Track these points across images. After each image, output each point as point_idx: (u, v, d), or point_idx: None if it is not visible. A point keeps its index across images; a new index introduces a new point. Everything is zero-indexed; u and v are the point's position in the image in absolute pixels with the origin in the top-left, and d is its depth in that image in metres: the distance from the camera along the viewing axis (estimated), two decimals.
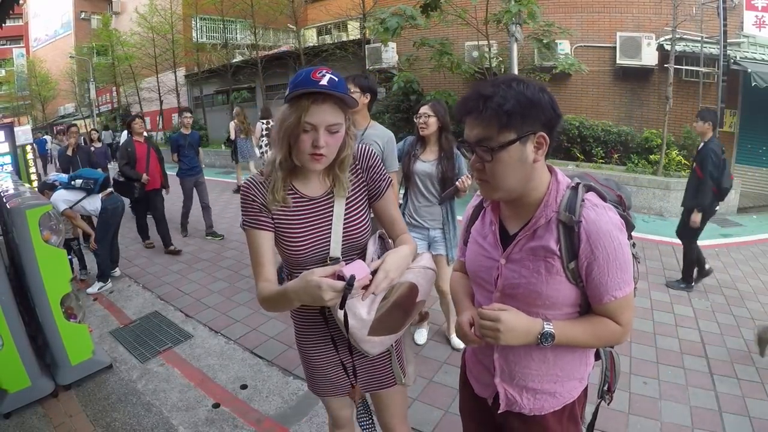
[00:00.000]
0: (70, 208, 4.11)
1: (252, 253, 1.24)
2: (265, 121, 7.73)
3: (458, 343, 3.01)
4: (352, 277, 0.98)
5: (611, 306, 1.02)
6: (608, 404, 1.27)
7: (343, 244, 1.27)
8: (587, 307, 1.07)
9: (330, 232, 1.26)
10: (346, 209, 1.28)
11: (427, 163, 2.77)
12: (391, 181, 1.39)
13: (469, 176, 2.45)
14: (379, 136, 2.61)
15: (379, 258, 1.19)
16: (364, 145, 1.34)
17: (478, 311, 1.04)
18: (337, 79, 1.12)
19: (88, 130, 11.34)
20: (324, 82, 1.10)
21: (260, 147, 8.03)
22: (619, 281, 1.00)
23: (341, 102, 1.14)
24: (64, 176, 4.44)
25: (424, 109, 2.74)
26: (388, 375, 1.45)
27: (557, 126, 0.99)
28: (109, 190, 4.33)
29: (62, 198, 4.10)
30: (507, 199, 1.05)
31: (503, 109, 0.92)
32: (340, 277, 1.00)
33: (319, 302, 1.01)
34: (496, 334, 1.00)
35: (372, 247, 1.30)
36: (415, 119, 2.84)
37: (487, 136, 0.96)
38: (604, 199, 1.05)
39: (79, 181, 4.17)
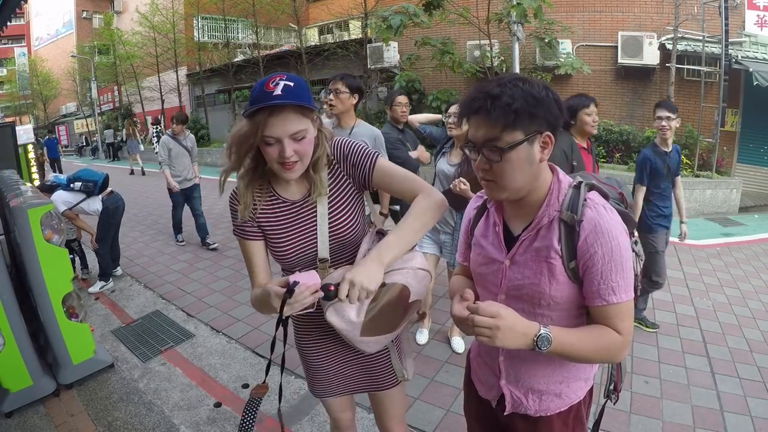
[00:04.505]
0: (70, 209, 4.10)
1: (245, 261, 1.30)
2: (155, 126, 9.24)
3: (458, 346, 3.01)
4: (294, 283, 1.04)
5: (609, 310, 0.97)
6: (614, 404, 1.27)
7: (330, 244, 1.24)
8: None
9: (316, 233, 1.24)
10: (329, 208, 1.24)
11: (449, 166, 2.69)
12: (378, 154, 1.29)
13: (463, 180, 2.36)
14: (367, 135, 2.59)
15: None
16: (335, 139, 1.28)
17: (476, 305, 0.94)
18: (292, 83, 1.07)
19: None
20: (278, 91, 1.05)
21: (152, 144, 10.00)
22: (616, 285, 0.96)
23: (302, 107, 1.09)
24: (63, 177, 4.42)
25: (454, 109, 2.62)
26: (388, 375, 1.44)
27: (561, 125, 0.98)
28: (110, 189, 4.32)
29: (62, 199, 4.07)
30: (513, 198, 1.04)
31: (512, 108, 0.91)
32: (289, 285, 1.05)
33: (275, 306, 1.07)
34: (493, 332, 0.91)
35: (366, 245, 1.26)
36: (444, 118, 2.76)
37: (494, 136, 0.94)
38: (606, 197, 1.03)
39: (78, 184, 4.13)
